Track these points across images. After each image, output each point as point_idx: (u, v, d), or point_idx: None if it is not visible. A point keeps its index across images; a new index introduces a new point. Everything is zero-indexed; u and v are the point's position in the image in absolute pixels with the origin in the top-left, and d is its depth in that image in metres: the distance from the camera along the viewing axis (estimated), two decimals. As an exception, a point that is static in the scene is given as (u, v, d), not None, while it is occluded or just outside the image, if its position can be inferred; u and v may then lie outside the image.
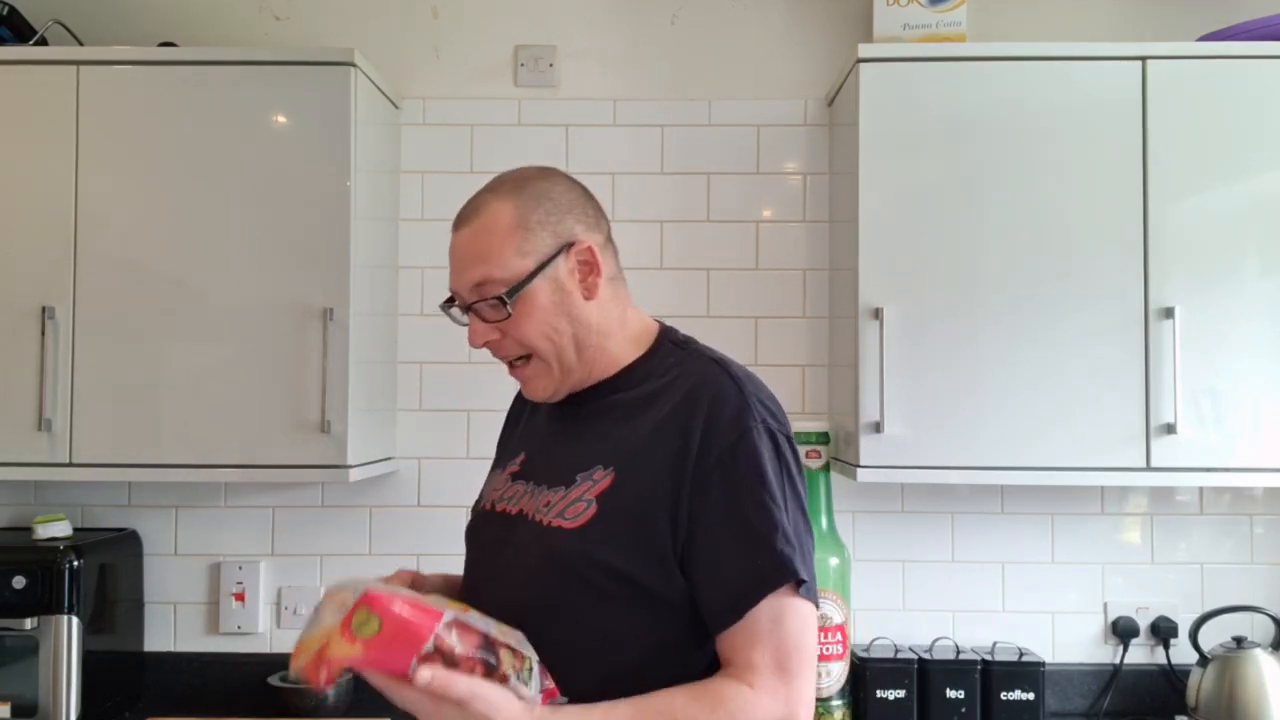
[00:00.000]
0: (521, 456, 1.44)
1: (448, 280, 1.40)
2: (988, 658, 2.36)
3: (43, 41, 2.40)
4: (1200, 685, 2.32)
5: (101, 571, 2.34)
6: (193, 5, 2.62)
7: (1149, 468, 2.16)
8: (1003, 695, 2.32)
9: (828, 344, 2.54)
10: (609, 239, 1.40)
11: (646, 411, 1.30)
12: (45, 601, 2.20)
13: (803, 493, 1.29)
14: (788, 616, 1.21)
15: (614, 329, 1.37)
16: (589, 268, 1.34)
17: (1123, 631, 2.48)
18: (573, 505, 1.27)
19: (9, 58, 2.26)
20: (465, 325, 1.39)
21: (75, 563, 2.23)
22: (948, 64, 2.23)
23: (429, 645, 1.09)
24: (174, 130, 2.23)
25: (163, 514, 2.56)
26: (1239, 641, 2.33)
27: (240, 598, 2.53)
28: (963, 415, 2.17)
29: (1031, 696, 2.32)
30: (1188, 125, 2.19)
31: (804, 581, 1.22)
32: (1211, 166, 2.19)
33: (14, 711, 2.20)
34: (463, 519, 1.51)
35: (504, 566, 1.33)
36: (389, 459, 2.51)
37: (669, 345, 1.39)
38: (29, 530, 2.38)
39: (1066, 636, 2.52)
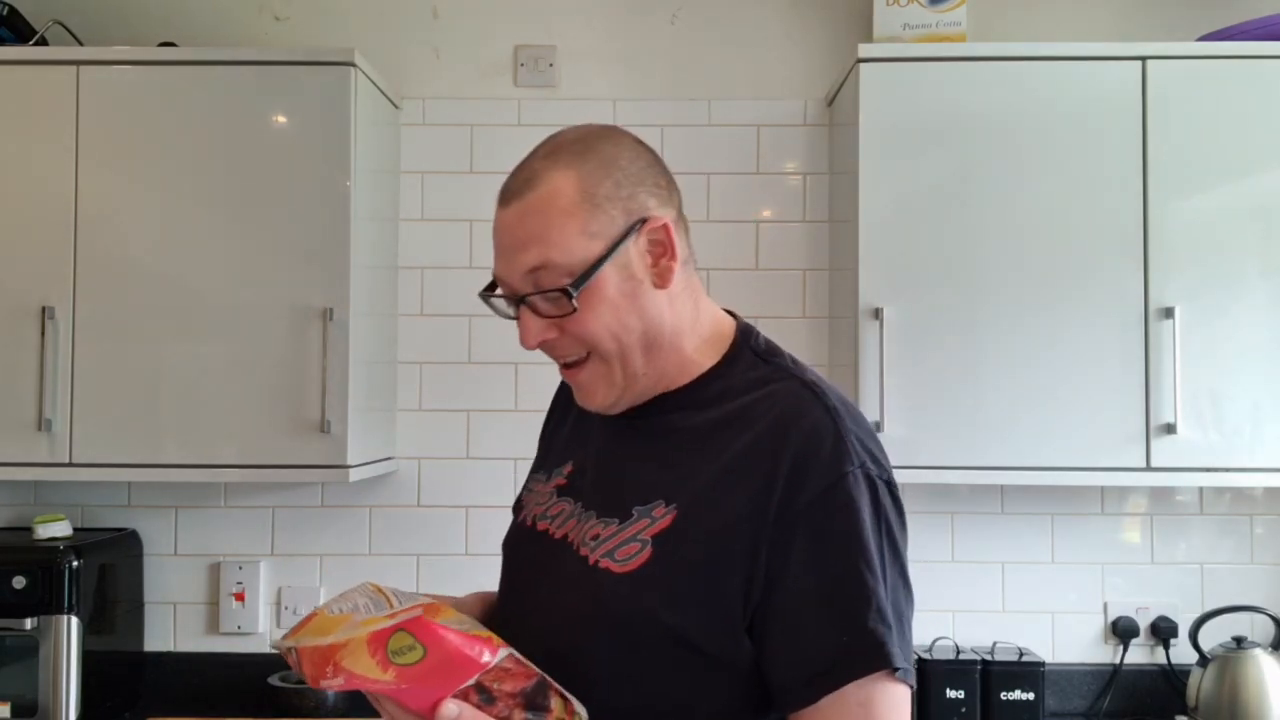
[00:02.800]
0: (569, 467, 1.23)
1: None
2: (988, 658, 2.36)
3: (43, 41, 2.40)
4: (1200, 685, 2.32)
5: (101, 571, 2.34)
6: (193, 5, 2.62)
7: (1149, 468, 2.16)
8: (1003, 695, 2.32)
9: (827, 344, 2.54)
10: (680, 213, 1.17)
11: (721, 439, 1.09)
12: (45, 601, 2.20)
13: (904, 551, 1.08)
14: (877, 704, 1.00)
15: (687, 326, 1.15)
16: (662, 249, 1.11)
17: (1123, 631, 2.48)
18: (625, 545, 1.08)
19: (9, 58, 2.26)
20: (509, 317, 1.16)
21: (75, 563, 2.23)
22: (948, 64, 2.23)
23: (472, 680, 0.96)
24: (174, 130, 2.23)
25: (163, 514, 2.56)
26: (1239, 641, 2.33)
27: (240, 598, 2.53)
28: (963, 415, 2.17)
29: (1031, 696, 2.32)
30: (1188, 125, 2.19)
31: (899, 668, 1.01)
32: (1211, 166, 2.19)
33: (14, 711, 2.20)
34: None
35: (540, 604, 1.14)
36: (389, 459, 2.51)
37: (750, 355, 1.16)
38: (29, 530, 2.38)
39: (1066, 636, 2.52)
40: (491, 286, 1.16)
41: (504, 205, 1.12)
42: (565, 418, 1.32)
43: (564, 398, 1.35)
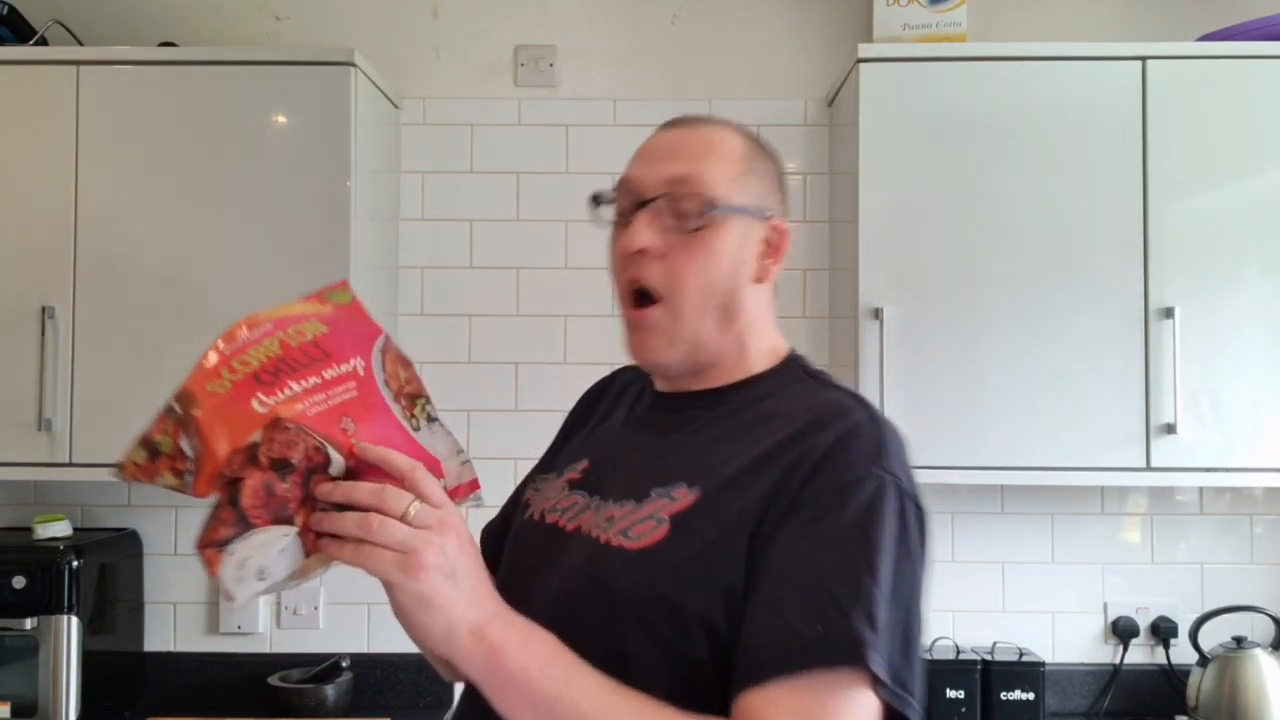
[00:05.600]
0: (584, 464, 1.19)
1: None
2: (988, 658, 2.36)
3: (43, 41, 2.40)
4: (1200, 685, 2.32)
5: (101, 571, 2.34)
6: (193, 5, 2.62)
7: (1149, 468, 2.16)
8: (1003, 695, 2.32)
9: (828, 344, 2.54)
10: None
11: (757, 434, 1.05)
12: (45, 601, 2.20)
13: (922, 583, 0.99)
14: (834, 707, 0.91)
15: (759, 328, 1.15)
16: (773, 251, 1.14)
17: (1123, 631, 2.48)
18: (641, 523, 1.03)
19: (9, 58, 2.26)
20: (607, 224, 1.16)
21: (75, 563, 2.23)
22: (948, 64, 2.23)
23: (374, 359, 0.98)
24: (174, 130, 2.23)
25: (163, 514, 2.56)
26: (1239, 641, 2.33)
27: (240, 598, 2.53)
28: (963, 415, 2.17)
29: (1031, 696, 2.32)
30: (1188, 125, 2.19)
31: (882, 681, 0.91)
32: (1211, 166, 2.19)
33: (14, 711, 2.20)
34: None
35: (542, 586, 1.07)
36: (389, 459, 2.50)
37: (798, 370, 1.16)
38: (29, 530, 2.38)
39: (1066, 636, 2.52)
40: (599, 200, 1.17)
41: (668, 129, 1.16)
42: (586, 422, 1.29)
43: (581, 410, 1.33)
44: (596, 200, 1.17)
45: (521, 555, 1.17)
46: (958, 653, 2.38)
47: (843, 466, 0.98)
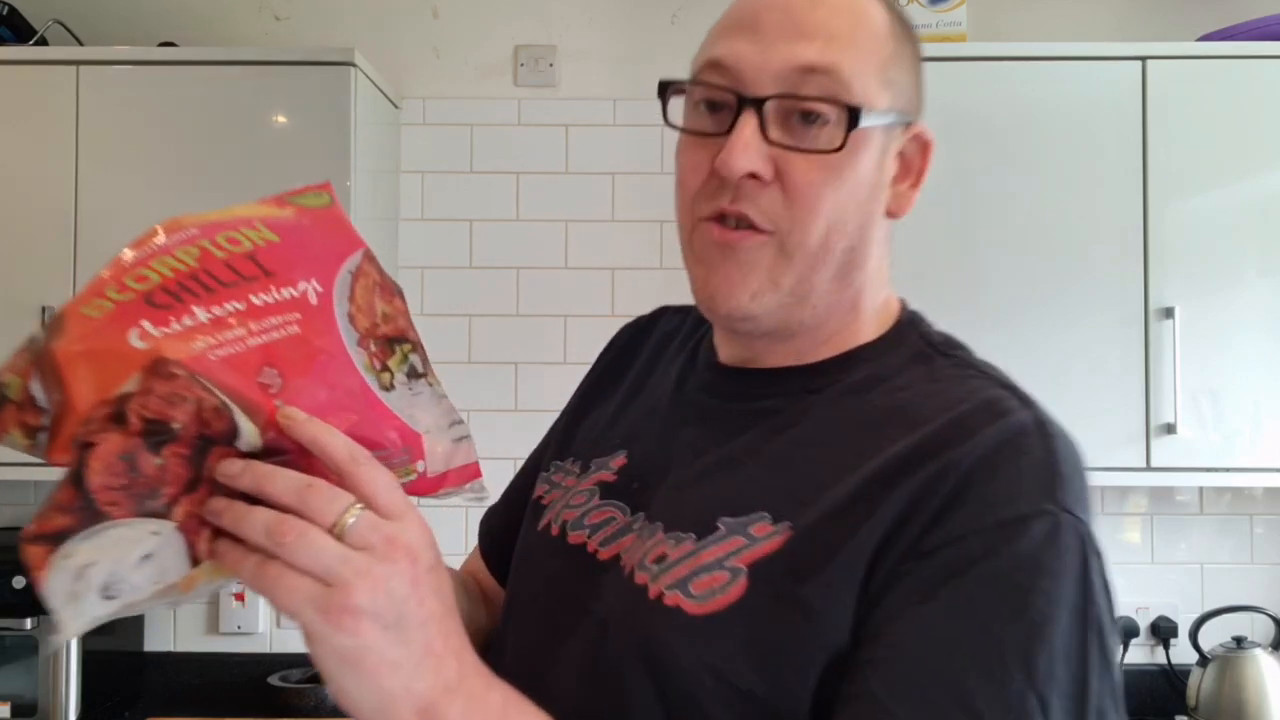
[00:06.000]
0: (620, 459, 0.86)
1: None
2: (988, 658, 2.36)
3: (43, 41, 2.40)
4: (1200, 685, 2.31)
5: (101, 571, 2.34)
6: (193, 5, 2.62)
7: (1149, 468, 2.16)
8: (1003, 695, 2.32)
9: (828, 344, 2.54)
10: None
11: (866, 440, 0.73)
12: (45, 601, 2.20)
13: (1116, 687, 0.70)
14: None
15: (875, 281, 0.84)
16: (911, 171, 0.85)
17: (1123, 631, 2.48)
18: (706, 573, 0.72)
19: (9, 58, 2.26)
20: (675, 130, 0.83)
21: (75, 563, 2.23)
22: (948, 64, 2.22)
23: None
24: (174, 130, 2.23)
25: (163, 514, 2.56)
26: (1239, 641, 2.33)
27: (240, 598, 2.53)
28: (963, 415, 2.17)
29: (1031, 696, 2.32)
30: (1188, 125, 2.19)
31: None
32: (1211, 166, 2.19)
33: (14, 711, 2.20)
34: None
35: (557, 649, 0.78)
36: (389, 459, 2.50)
37: (918, 340, 0.85)
38: (29, 530, 2.38)
39: (1066, 636, 2.52)
40: (666, 89, 0.83)
41: None
42: (616, 385, 0.95)
43: (622, 356, 0.99)
44: (666, 90, 0.83)
45: (530, 585, 0.86)
46: (958, 653, 2.37)
47: (996, 497, 0.67)
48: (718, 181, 0.77)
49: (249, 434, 0.60)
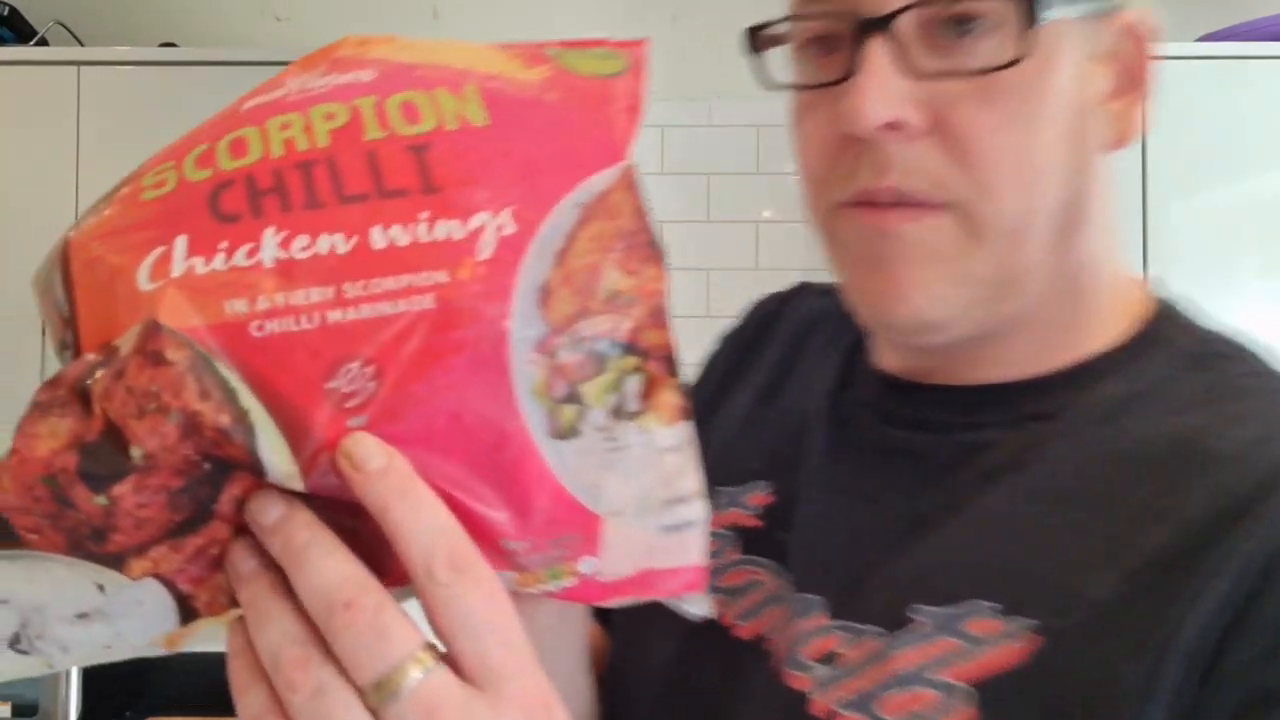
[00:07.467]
0: (763, 494, 0.62)
1: None
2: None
3: (43, 42, 2.40)
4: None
5: (102, 571, 2.34)
6: (193, 5, 2.62)
7: (1149, 467, 2.17)
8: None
9: (828, 344, 2.54)
10: None
11: (1135, 486, 0.50)
12: (46, 601, 2.20)
13: None
14: None
15: (1103, 245, 0.62)
16: (1133, 78, 0.59)
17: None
18: (902, 688, 0.49)
19: (9, 58, 2.27)
20: (770, 85, 0.65)
21: (76, 563, 2.23)
22: (948, 64, 2.23)
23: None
24: (174, 130, 2.19)
25: (163, 514, 2.56)
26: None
27: (241, 598, 2.53)
28: (963, 415, 2.18)
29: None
30: (1187, 125, 2.19)
31: None
32: (1211, 166, 2.20)
33: (14, 711, 2.20)
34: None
35: None
36: (389, 459, 2.50)
37: (1183, 335, 0.64)
38: (29, 530, 2.38)
39: (1066, 636, 2.52)
40: (756, 34, 0.62)
41: None
42: (744, 373, 0.70)
43: (749, 345, 0.74)
44: (756, 37, 0.62)
45: (644, 668, 0.61)
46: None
47: None
48: (855, 151, 0.53)
49: (280, 473, 0.35)
